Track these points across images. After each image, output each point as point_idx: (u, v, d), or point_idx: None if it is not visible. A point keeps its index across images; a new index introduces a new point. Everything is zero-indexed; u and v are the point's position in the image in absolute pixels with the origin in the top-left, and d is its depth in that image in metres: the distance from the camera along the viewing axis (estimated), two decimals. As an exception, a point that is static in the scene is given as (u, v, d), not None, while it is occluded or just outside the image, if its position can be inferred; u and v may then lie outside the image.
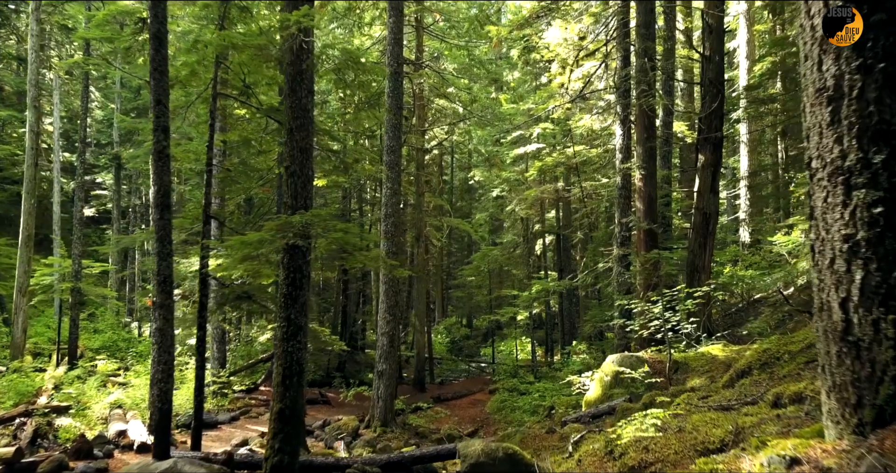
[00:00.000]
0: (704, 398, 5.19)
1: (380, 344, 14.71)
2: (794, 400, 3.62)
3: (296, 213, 6.90)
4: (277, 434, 6.86)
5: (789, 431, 3.05)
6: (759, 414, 3.63)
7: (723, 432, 3.42)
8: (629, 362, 8.72)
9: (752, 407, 3.96)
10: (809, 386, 3.57)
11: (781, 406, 3.66)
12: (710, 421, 3.70)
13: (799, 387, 3.67)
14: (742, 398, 4.69)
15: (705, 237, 12.65)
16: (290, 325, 7.08)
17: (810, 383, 3.64)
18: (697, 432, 3.54)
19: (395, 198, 14.81)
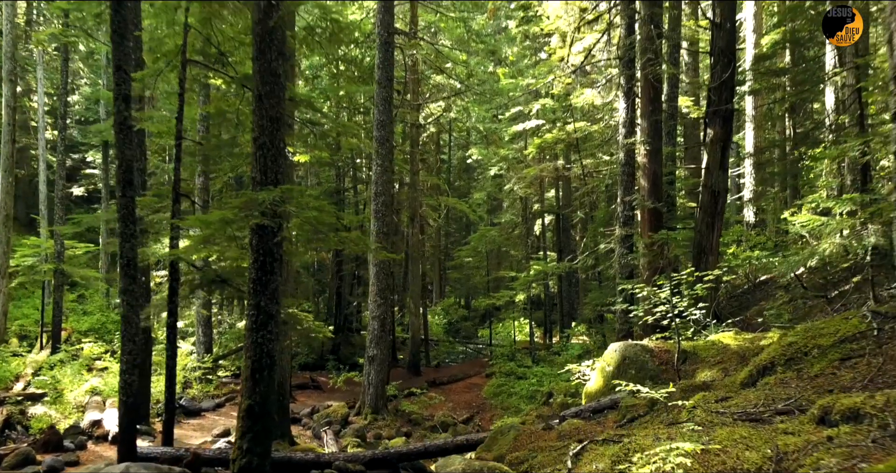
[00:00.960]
0: (723, 400, 4.52)
1: (371, 329, 14.08)
2: (849, 418, 2.95)
3: (265, 190, 6.17)
4: (246, 433, 6.21)
5: (854, 467, 2.38)
6: (803, 433, 2.96)
7: (759, 457, 2.75)
8: (633, 351, 8.06)
9: (790, 422, 3.29)
10: (869, 402, 2.90)
11: (831, 425, 3.00)
12: (740, 440, 3.03)
13: (854, 402, 2.99)
14: (770, 403, 4.02)
15: (713, 216, 11.93)
16: (260, 314, 6.39)
17: (869, 397, 2.96)
18: (726, 455, 2.87)
19: (385, 176, 14.06)
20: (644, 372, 7.80)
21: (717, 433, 3.27)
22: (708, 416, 4.01)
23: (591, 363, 9.38)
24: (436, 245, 36.78)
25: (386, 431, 13.34)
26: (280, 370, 10.83)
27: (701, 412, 4.30)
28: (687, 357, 7.76)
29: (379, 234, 13.97)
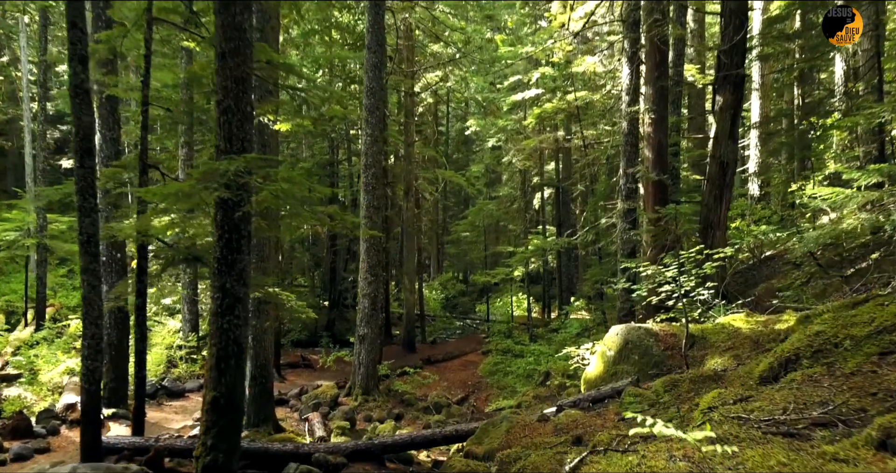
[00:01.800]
0: (744, 401, 3.92)
1: (361, 307, 13.51)
2: (923, 445, 2.37)
3: (227, 159, 5.50)
4: (211, 428, 5.63)
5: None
6: (860, 461, 2.37)
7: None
8: (636, 335, 7.48)
9: (839, 442, 2.68)
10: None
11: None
12: (778, 468, 2.44)
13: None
14: (802, 408, 3.42)
15: (721, 189, 11.26)
16: (226, 297, 5.78)
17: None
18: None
19: (375, 147, 13.35)
20: (648, 358, 7.22)
21: (746, 454, 2.67)
22: (729, 425, 3.41)
23: (590, 346, 8.82)
24: (433, 219, 36.13)
25: (377, 413, 12.86)
26: (263, 351, 10.30)
27: (718, 416, 3.70)
28: (695, 341, 7.17)
29: (370, 208, 13.32)
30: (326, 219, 6.35)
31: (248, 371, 10.43)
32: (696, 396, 5.46)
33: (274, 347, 15.62)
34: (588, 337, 15.92)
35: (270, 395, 10.54)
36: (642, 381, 6.96)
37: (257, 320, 10.34)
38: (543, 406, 12.59)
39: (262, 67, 8.13)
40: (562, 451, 5.17)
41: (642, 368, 7.20)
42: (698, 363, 6.78)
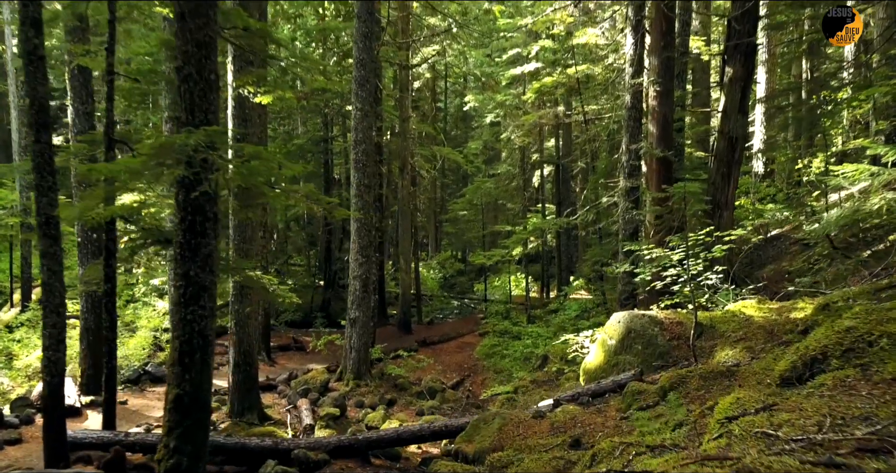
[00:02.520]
0: (767, 409, 3.39)
1: (352, 289, 13.00)
2: None
3: (185, 132, 4.91)
4: (174, 429, 5.13)
5: None
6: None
7: None
8: (640, 323, 6.96)
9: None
10: None
11: None
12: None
13: None
14: (840, 425, 2.90)
15: (729, 166, 10.68)
16: (190, 285, 5.24)
17: None
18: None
19: (366, 121, 12.71)
20: (652, 349, 6.71)
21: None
22: (753, 443, 2.89)
23: (590, 334, 8.31)
24: (431, 197, 35.50)
25: (369, 398, 12.42)
26: (246, 337, 9.81)
27: (739, 430, 3.19)
28: (703, 330, 6.66)
29: (360, 187, 12.73)
30: (302, 199, 5.78)
31: (231, 357, 9.97)
32: (706, 394, 4.96)
33: (263, 330, 15.17)
34: (587, 318, 15.45)
35: (255, 382, 10.08)
36: (646, 374, 6.47)
37: (240, 305, 9.84)
38: (541, 391, 12.16)
39: (240, 35, 7.50)
40: (558, 456, 4.69)
41: (646, 359, 6.69)
42: (707, 354, 6.27)
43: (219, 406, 10.25)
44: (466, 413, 12.50)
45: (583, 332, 8.38)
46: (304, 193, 5.85)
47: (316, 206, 6.24)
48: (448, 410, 12.43)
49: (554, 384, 11.85)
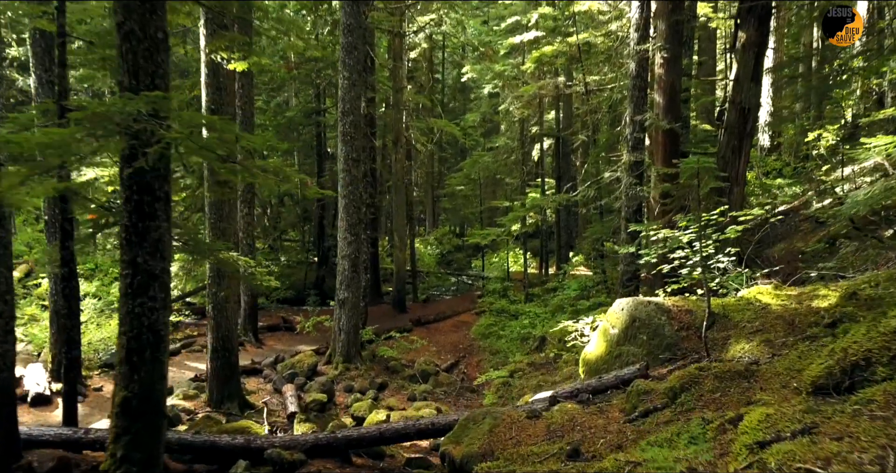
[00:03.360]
0: (807, 433, 2.80)
1: (341, 269, 12.41)
2: None
3: (125, 98, 4.24)
4: (121, 435, 4.56)
5: None
6: None
7: None
8: (645, 311, 6.36)
9: None
10: None
11: None
12: None
13: None
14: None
15: (741, 139, 10.00)
16: (138, 274, 4.62)
17: None
18: None
19: (354, 91, 11.96)
20: (659, 340, 6.12)
21: None
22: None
23: (590, 320, 7.72)
24: (428, 171, 34.75)
25: (358, 382, 11.92)
26: (225, 321, 9.26)
27: (775, 463, 2.59)
28: (715, 319, 6.06)
29: (348, 160, 12.04)
30: (261, 174, 5.12)
31: (209, 343, 9.41)
32: (723, 398, 4.37)
33: (250, 310, 14.62)
34: (587, 298, 14.89)
35: (235, 369, 9.54)
36: (652, 367, 5.88)
37: (217, 287, 9.24)
38: (538, 375, 11.64)
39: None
40: (554, 469, 4.12)
41: (652, 351, 6.11)
42: (719, 347, 5.67)
43: (197, 393, 9.71)
44: (460, 397, 12.02)
45: (582, 320, 7.78)
46: (272, 169, 5.19)
47: (282, 184, 5.59)
48: (441, 395, 11.95)
49: (551, 367, 11.33)
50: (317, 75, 22.43)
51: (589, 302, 14.05)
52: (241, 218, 14.31)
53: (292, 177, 5.41)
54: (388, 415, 8.47)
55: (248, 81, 13.99)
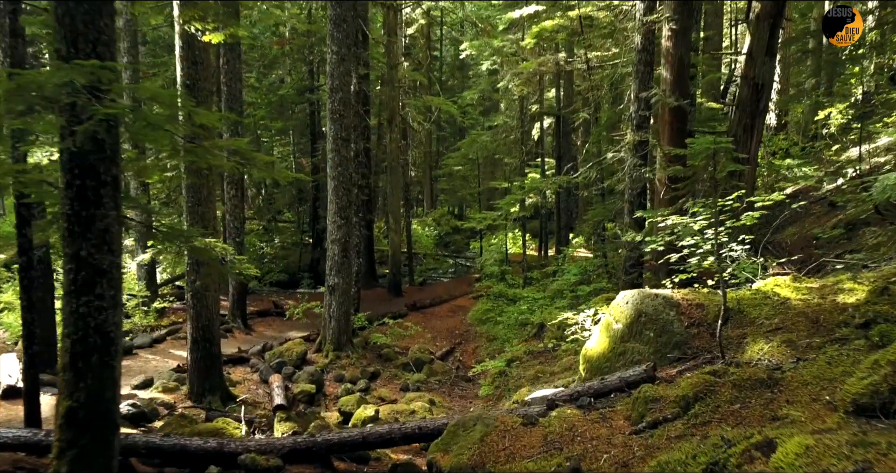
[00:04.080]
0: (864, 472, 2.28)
1: (330, 254, 11.88)
2: None
3: (61, 67, 3.66)
4: (66, 450, 4.05)
5: None
6: None
7: None
8: (652, 306, 5.83)
9: None
10: None
11: None
12: None
13: None
14: None
15: (753, 117, 9.41)
16: (82, 269, 4.08)
17: None
18: None
19: (343, 67, 11.32)
20: (667, 337, 5.60)
21: None
22: None
23: (591, 313, 7.19)
24: (427, 150, 34.08)
25: (350, 371, 11.47)
26: (205, 310, 8.76)
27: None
28: (729, 316, 5.54)
29: (337, 140, 11.45)
30: (218, 156, 4.55)
31: (188, 334, 8.92)
32: (743, 411, 3.86)
33: (239, 295, 14.12)
34: (588, 283, 14.38)
35: (217, 360, 9.05)
36: (660, 368, 5.38)
37: (196, 275, 8.72)
38: (535, 365, 11.15)
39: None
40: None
41: (659, 349, 5.60)
42: (735, 346, 5.16)
43: (177, 386, 9.23)
44: (455, 387, 11.57)
45: (583, 312, 7.24)
46: (232, 149, 4.61)
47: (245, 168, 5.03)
48: (435, 384, 11.50)
49: (550, 356, 10.84)
50: (310, 51, 21.70)
51: (589, 288, 13.55)
52: (229, 199, 13.76)
53: (258, 160, 4.84)
54: (376, 410, 8.01)
55: (234, 56, 13.34)
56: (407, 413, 8.70)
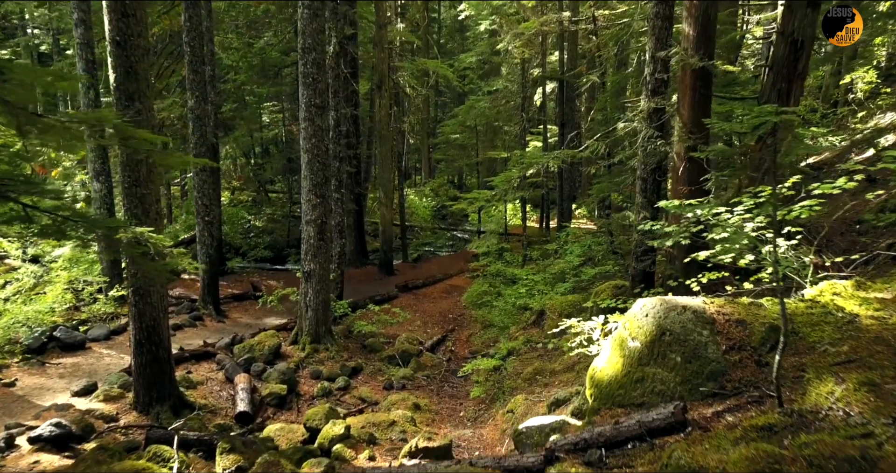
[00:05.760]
0: None
1: (305, 237, 10.65)
2: None
3: None
4: None
5: None
6: None
7: None
8: (679, 321, 4.59)
9: None
10: None
11: None
12: None
13: None
14: None
15: (790, 80, 8.01)
16: None
17: None
18: None
19: (315, 23, 9.88)
20: (699, 364, 4.37)
21: None
22: None
23: (600, 321, 5.92)
24: (424, 117, 32.56)
25: (328, 366, 10.34)
26: (150, 308, 7.57)
27: None
28: (777, 336, 4.28)
29: (311, 108, 10.08)
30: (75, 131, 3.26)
31: (131, 335, 7.72)
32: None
33: (211, 279, 12.93)
34: (593, 265, 13.16)
35: (166, 364, 7.86)
36: (691, 405, 4.16)
37: (136, 266, 7.48)
38: (534, 361, 9.99)
39: None
40: None
41: (689, 379, 4.38)
42: (790, 383, 3.93)
43: (122, 393, 8.09)
44: (445, 384, 10.43)
45: (589, 322, 5.96)
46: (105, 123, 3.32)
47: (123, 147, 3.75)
48: (423, 381, 10.39)
49: (551, 356, 9.68)
50: (294, 10, 20.09)
51: (594, 271, 12.33)
52: (196, 174, 12.45)
53: (139, 139, 3.52)
54: (347, 427, 6.85)
55: (196, 12, 11.87)
56: (385, 425, 7.56)
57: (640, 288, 8.59)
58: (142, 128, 7.37)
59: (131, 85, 7.13)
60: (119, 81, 7.10)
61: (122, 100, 7.13)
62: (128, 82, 7.12)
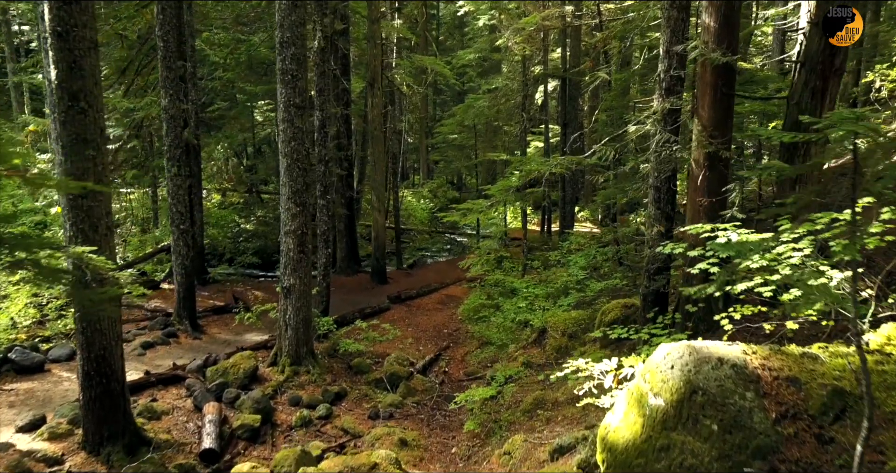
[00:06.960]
0: None
1: (284, 249, 9.76)
2: None
3: None
4: None
5: None
6: None
7: None
8: (714, 377, 3.68)
9: None
10: None
11: None
12: None
13: None
14: None
15: (825, 78, 7.11)
16: None
17: None
18: None
19: (295, 14, 8.96)
20: (743, 435, 3.46)
21: None
22: None
23: (613, 364, 4.99)
24: (422, 116, 31.69)
25: (309, 391, 9.46)
26: (99, 336, 6.70)
27: None
28: (848, 405, 3.38)
29: (290, 108, 9.17)
30: None
31: (79, 366, 6.83)
32: None
33: (186, 291, 12.04)
34: (599, 278, 12.26)
35: (119, 397, 6.96)
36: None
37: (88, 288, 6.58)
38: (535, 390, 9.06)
39: None
40: None
41: (728, 454, 3.48)
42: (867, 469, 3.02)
43: (71, 429, 7.19)
44: (436, 413, 9.51)
45: (599, 365, 5.04)
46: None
47: None
48: (412, 409, 9.48)
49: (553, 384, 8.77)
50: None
51: (601, 285, 11.43)
52: (170, 180, 11.56)
53: None
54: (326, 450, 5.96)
55: (168, 5, 10.96)
56: (366, 470, 6.66)
57: (654, 313, 7.69)
58: (89, 131, 6.51)
59: (76, 82, 6.25)
60: (61, 78, 6.21)
61: (65, 99, 6.26)
62: (71, 79, 6.24)
